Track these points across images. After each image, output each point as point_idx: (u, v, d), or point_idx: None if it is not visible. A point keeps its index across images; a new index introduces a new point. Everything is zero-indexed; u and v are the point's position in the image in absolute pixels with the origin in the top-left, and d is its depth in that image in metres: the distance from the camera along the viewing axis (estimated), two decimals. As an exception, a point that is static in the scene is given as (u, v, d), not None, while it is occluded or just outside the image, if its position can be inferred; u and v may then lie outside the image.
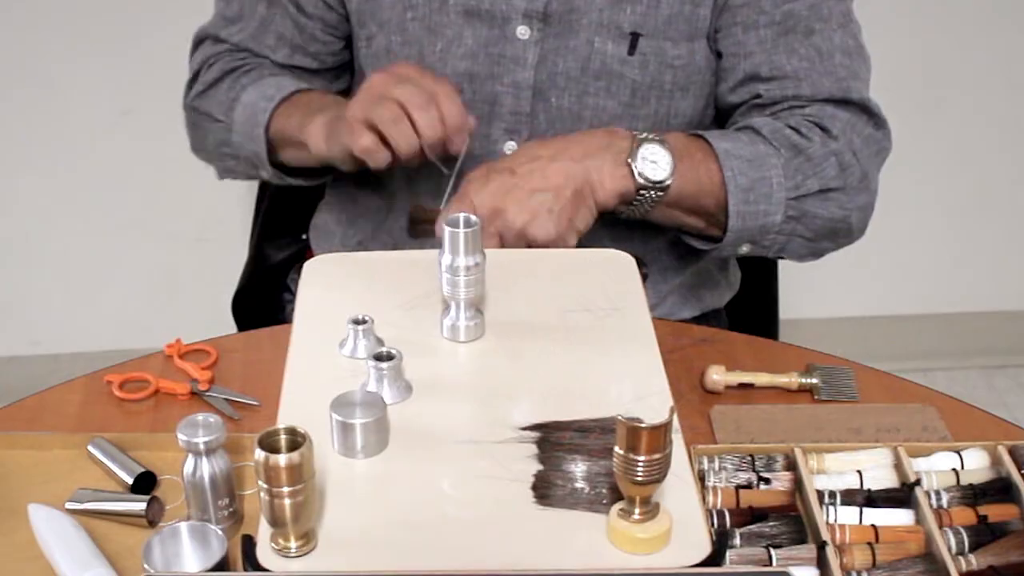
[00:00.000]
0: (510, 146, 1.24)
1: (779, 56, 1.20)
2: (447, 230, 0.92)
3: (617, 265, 1.07)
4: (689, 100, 1.24)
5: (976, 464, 0.95)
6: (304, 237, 1.49)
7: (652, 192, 1.12)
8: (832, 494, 0.90)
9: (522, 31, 1.19)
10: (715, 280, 1.37)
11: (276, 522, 0.76)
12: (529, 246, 1.08)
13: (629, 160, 1.11)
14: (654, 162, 1.11)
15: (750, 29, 1.20)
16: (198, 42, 1.36)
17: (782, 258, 1.26)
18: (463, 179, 1.12)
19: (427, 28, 1.21)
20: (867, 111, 1.22)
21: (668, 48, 1.19)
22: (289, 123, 1.22)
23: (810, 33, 1.20)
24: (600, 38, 1.19)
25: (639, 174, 1.11)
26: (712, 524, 0.87)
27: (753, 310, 1.49)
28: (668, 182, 1.12)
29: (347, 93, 1.35)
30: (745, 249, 1.20)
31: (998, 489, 0.92)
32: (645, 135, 1.13)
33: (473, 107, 1.22)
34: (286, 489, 0.74)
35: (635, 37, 1.19)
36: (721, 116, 1.29)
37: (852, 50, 1.22)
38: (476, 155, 1.24)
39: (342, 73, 1.36)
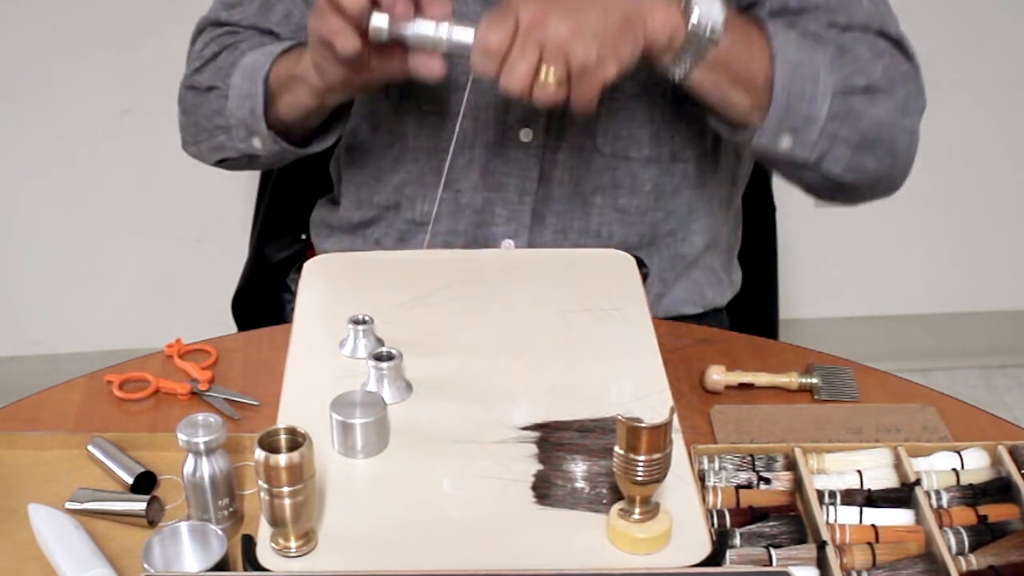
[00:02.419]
0: (525, 132, 1.23)
1: None
2: None
3: (617, 265, 1.08)
4: None
5: (976, 464, 0.95)
6: (304, 237, 1.49)
7: (703, 38, 1.05)
8: (832, 494, 0.90)
9: None
10: (718, 277, 1.37)
11: (276, 522, 0.76)
12: (567, 74, 1.00)
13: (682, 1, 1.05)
14: (708, 8, 1.05)
15: None
16: (197, 32, 1.35)
17: (817, 175, 1.16)
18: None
19: None
20: (905, 50, 1.18)
21: None
22: (287, 64, 1.18)
23: None
24: None
25: (693, 14, 1.04)
26: (712, 524, 0.87)
27: (753, 310, 1.49)
28: (719, 30, 1.05)
29: None
30: (786, 143, 1.12)
31: (998, 489, 0.92)
32: None
33: (490, 94, 1.20)
34: (286, 489, 0.74)
35: None
36: None
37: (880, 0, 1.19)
38: (491, 142, 1.24)
39: None
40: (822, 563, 0.84)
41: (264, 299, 1.50)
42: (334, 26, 1.04)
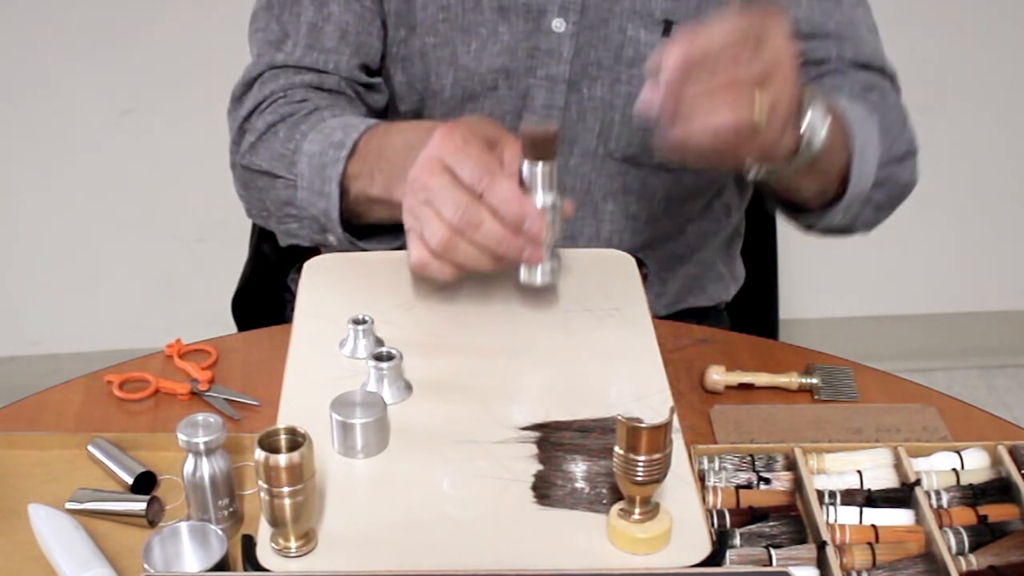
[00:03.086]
0: None
1: (816, 16, 1.18)
2: (525, 164, 0.90)
3: (617, 265, 1.07)
4: None
5: (976, 464, 0.95)
6: None
7: (804, 157, 1.01)
8: (832, 494, 0.90)
9: (557, 24, 1.18)
10: (719, 273, 1.37)
11: (276, 522, 0.76)
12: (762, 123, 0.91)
13: (800, 119, 0.99)
14: (813, 127, 0.99)
15: None
16: (247, 86, 1.21)
17: (836, 231, 1.19)
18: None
19: (460, 28, 1.19)
20: (897, 84, 1.21)
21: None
22: (372, 184, 1.07)
23: (839, 3, 1.19)
24: (633, 25, 1.18)
25: (805, 140, 1.00)
26: (712, 524, 0.87)
27: (753, 310, 1.49)
28: (820, 148, 1.00)
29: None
30: (839, 218, 1.13)
31: (998, 489, 0.92)
32: (807, 89, 1.00)
33: (506, 102, 1.21)
34: (286, 489, 0.74)
35: (668, 24, 1.18)
36: None
37: (872, 28, 1.23)
38: None
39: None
40: (822, 563, 0.84)
41: (264, 299, 1.49)
42: (425, 262, 0.93)
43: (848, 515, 0.89)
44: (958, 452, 0.95)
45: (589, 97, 1.21)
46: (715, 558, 0.78)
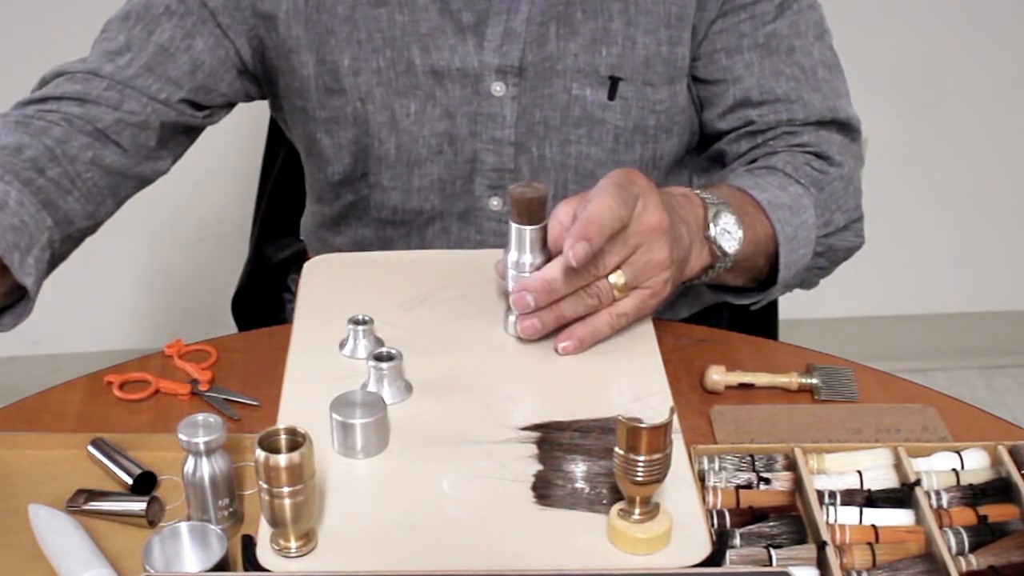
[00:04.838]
0: (495, 203, 1.21)
1: (767, 80, 1.18)
2: (514, 227, 0.92)
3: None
4: (673, 140, 1.21)
5: (976, 464, 0.95)
6: (303, 238, 1.49)
7: (723, 262, 1.06)
8: (832, 494, 0.90)
9: (497, 88, 1.16)
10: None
11: (276, 522, 0.76)
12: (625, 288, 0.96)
13: (708, 233, 1.04)
14: (728, 232, 1.04)
15: (734, 54, 1.18)
16: (51, 77, 1.20)
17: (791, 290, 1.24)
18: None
19: (397, 92, 1.17)
20: (851, 129, 1.21)
21: (649, 93, 1.17)
22: None
23: (792, 51, 1.18)
24: (578, 84, 1.16)
25: (718, 248, 1.05)
26: (712, 524, 0.87)
27: (753, 310, 1.49)
28: (737, 255, 1.06)
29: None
30: (777, 293, 1.17)
31: (998, 489, 0.92)
32: (712, 199, 1.05)
33: (454, 167, 1.19)
34: (286, 489, 0.74)
35: (615, 82, 1.16)
36: (706, 141, 1.26)
37: (831, 62, 1.21)
38: (461, 211, 1.22)
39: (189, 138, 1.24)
40: (822, 563, 0.84)
41: (264, 299, 1.50)
42: None
43: (848, 515, 0.89)
44: (958, 452, 0.95)
45: (539, 157, 1.19)
46: (715, 558, 0.78)
